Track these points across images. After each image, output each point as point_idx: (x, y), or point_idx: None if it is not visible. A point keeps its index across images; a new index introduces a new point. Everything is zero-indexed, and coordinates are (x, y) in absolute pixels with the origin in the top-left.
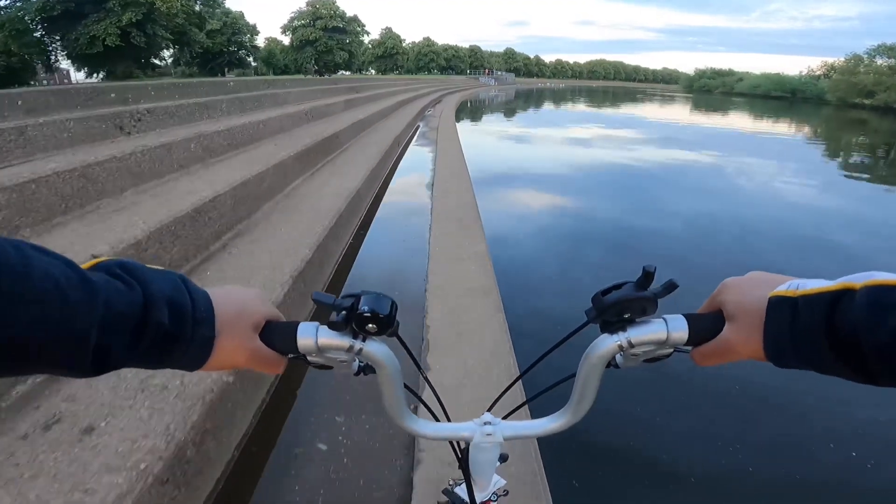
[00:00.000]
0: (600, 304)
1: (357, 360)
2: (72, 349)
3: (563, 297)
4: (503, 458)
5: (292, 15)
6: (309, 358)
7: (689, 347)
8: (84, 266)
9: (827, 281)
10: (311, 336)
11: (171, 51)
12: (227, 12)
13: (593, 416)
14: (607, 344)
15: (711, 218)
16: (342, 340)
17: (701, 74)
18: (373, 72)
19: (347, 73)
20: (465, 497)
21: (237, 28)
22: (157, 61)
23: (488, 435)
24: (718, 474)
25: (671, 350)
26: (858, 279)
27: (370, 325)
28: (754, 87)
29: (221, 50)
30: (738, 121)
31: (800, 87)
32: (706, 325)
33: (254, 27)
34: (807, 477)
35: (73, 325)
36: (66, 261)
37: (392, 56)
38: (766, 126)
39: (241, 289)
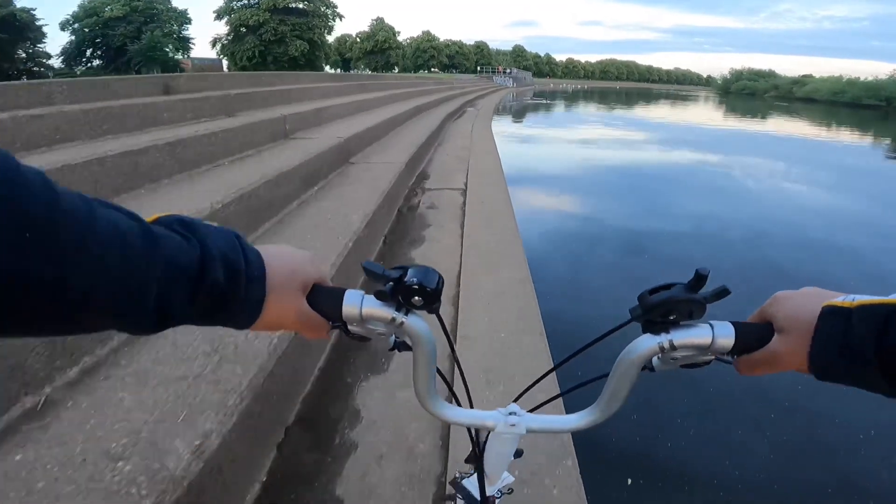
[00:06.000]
0: (646, 302)
1: (394, 336)
2: (135, 301)
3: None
4: (518, 454)
5: None
6: (350, 327)
7: (731, 357)
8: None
9: (883, 296)
10: (357, 304)
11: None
12: None
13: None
14: (648, 344)
15: None
16: (386, 311)
17: (738, 76)
18: (369, 71)
19: (345, 71)
20: (473, 489)
21: (152, 15)
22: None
23: (512, 426)
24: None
25: (712, 357)
26: None
27: (416, 298)
28: (836, 94)
29: (124, 45)
30: None
31: None
32: (754, 335)
33: (182, 13)
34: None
35: (136, 276)
36: (130, 213)
37: (384, 52)
38: None
39: (292, 249)
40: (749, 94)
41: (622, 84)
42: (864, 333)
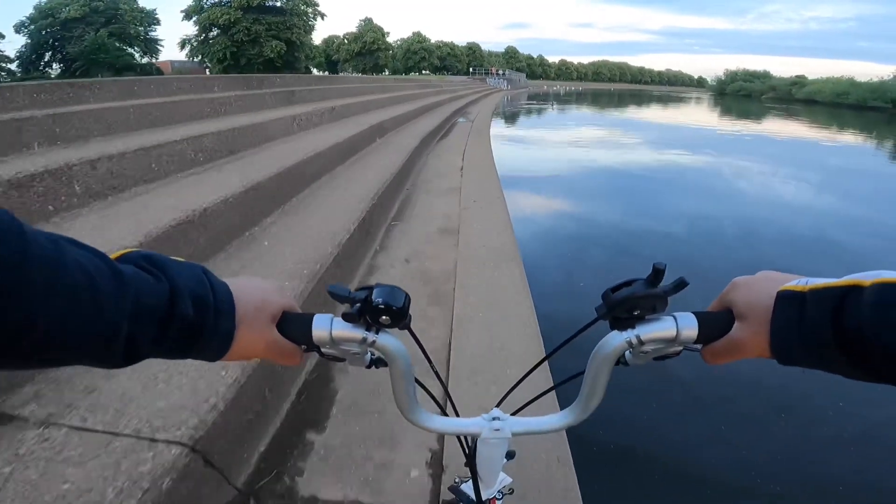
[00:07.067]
0: (610, 300)
1: (369, 353)
2: (104, 340)
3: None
4: (510, 455)
5: None
6: (323, 350)
7: (699, 346)
8: (112, 257)
9: (836, 278)
10: (326, 328)
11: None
12: None
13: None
14: (617, 341)
15: None
16: (355, 332)
17: (733, 77)
18: (357, 73)
19: (332, 73)
20: (471, 494)
21: (114, 15)
22: None
23: (496, 430)
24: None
25: (681, 348)
26: (868, 277)
27: (383, 318)
28: (840, 95)
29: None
30: None
31: None
32: (716, 323)
33: (150, 13)
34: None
35: (104, 317)
36: (98, 253)
37: (373, 53)
38: None
39: (259, 280)
40: (745, 95)
41: (615, 85)
42: (819, 317)
